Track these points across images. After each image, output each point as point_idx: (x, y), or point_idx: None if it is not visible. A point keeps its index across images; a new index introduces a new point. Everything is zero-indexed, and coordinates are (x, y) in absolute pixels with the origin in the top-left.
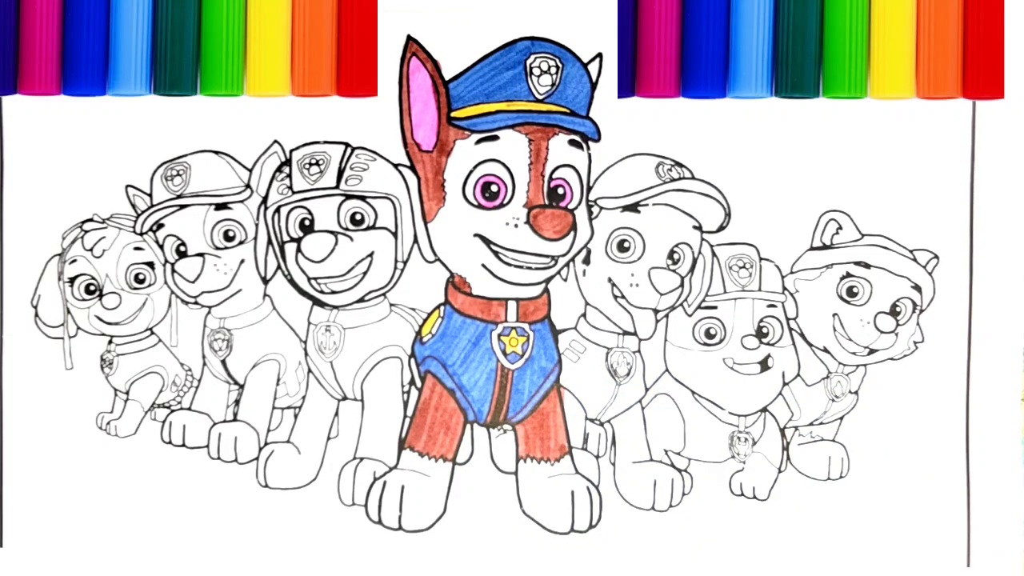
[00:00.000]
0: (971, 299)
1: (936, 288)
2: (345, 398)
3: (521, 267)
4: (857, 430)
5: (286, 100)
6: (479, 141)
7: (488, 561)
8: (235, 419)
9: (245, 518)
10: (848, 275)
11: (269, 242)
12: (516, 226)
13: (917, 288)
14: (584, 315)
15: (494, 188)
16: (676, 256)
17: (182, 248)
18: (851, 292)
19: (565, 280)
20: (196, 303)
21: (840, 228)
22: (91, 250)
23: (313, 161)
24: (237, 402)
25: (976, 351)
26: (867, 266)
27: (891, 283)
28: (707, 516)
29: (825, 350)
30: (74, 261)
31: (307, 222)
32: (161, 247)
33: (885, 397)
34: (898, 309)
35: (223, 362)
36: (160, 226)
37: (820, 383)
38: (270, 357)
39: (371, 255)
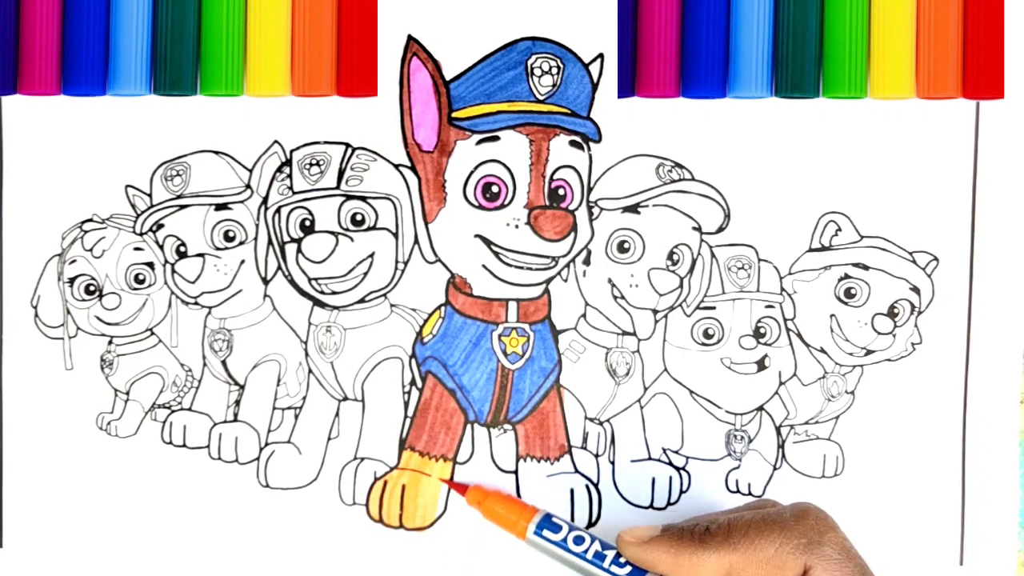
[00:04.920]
0: (971, 301)
1: (935, 290)
2: (346, 398)
3: (522, 268)
4: (853, 429)
5: (286, 100)
6: (480, 142)
7: (488, 561)
8: (236, 419)
9: (246, 518)
10: (846, 276)
11: (269, 242)
12: (517, 227)
13: (916, 290)
14: (584, 315)
15: (495, 189)
16: (675, 257)
17: (182, 248)
18: (849, 293)
19: (565, 281)
20: (196, 303)
21: (839, 230)
22: (91, 250)
23: (313, 161)
24: (238, 402)
25: (975, 353)
26: (865, 268)
27: (889, 285)
28: (704, 513)
29: (822, 350)
30: (74, 261)
31: (307, 222)
32: (161, 247)
33: (882, 397)
34: (896, 311)
35: (223, 362)
36: (160, 226)
37: (816, 383)
38: (270, 357)
39: (372, 256)
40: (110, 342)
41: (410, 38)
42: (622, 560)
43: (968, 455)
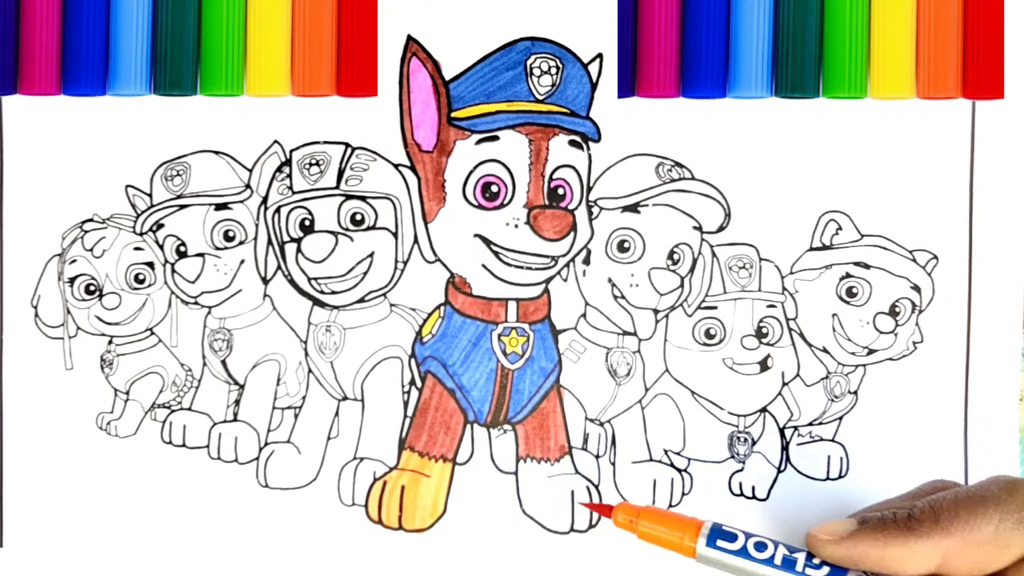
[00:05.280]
0: (970, 299)
1: (935, 288)
2: (345, 398)
3: (521, 267)
4: (856, 430)
5: (286, 100)
6: (479, 141)
7: (488, 561)
8: (235, 419)
9: (245, 518)
10: (848, 275)
11: (269, 242)
12: (516, 226)
13: (916, 288)
14: (584, 315)
15: (494, 188)
16: (676, 256)
17: (182, 248)
18: (850, 292)
19: (565, 280)
20: (196, 303)
21: (840, 229)
22: (91, 250)
23: (313, 161)
24: (237, 402)
25: (975, 351)
26: (866, 266)
27: (890, 283)
28: (707, 516)
29: (824, 350)
30: (74, 261)
31: (307, 222)
32: (161, 247)
33: (884, 397)
34: (897, 309)
35: (223, 362)
36: (160, 226)
37: (819, 383)
38: (270, 357)
39: (371, 255)
40: (110, 342)
41: (410, 38)
42: (816, 561)
43: (969, 453)
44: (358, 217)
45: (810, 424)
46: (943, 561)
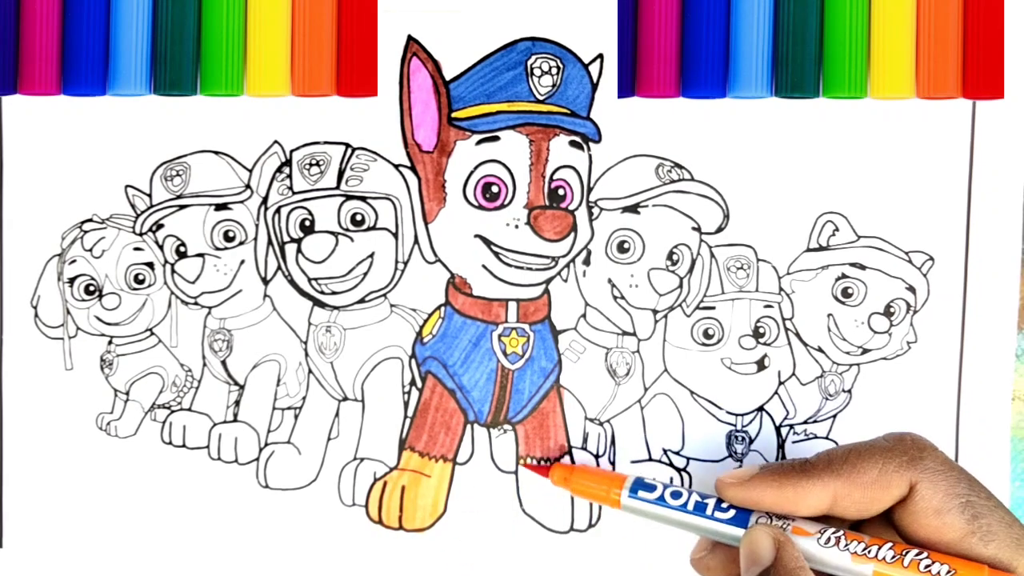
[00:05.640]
0: (965, 300)
1: (931, 289)
2: (346, 399)
3: (521, 268)
4: (850, 428)
5: (286, 100)
6: (480, 142)
7: (488, 561)
8: (235, 420)
9: (245, 518)
10: (843, 276)
11: (269, 243)
12: (516, 227)
13: (911, 289)
14: (584, 316)
15: (495, 189)
16: (675, 257)
17: (182, 248)
18: (846, 293)
19: (565, 281)
20: (196, 304)
21: (837, 230)
22: (91, 250)
23: (313, 161)
24: (237, 403)
25: (968, 352)
26: (862, 267)
27: (886, 284)
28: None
29: (820, 350)
30: (74, 261)
31: (307, 223)
32: (161, 247)
33: (878, 395)
34: (892, 310)
35: (223, 363)
36: (160, 226)
37: (814, 382)
38: (270, 358)
39: (371, 256)
40: (110, 342)
41: (410, 38)
42: (724, 505)
43: (961, 452)
44: (358, 217)
45: (805, 422)
46: (833, 501)
